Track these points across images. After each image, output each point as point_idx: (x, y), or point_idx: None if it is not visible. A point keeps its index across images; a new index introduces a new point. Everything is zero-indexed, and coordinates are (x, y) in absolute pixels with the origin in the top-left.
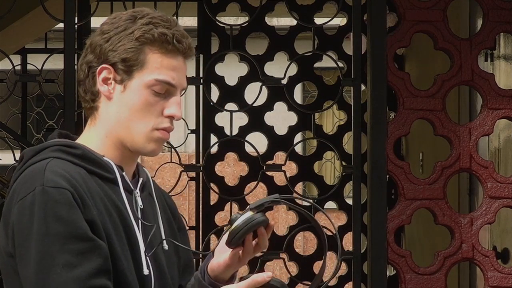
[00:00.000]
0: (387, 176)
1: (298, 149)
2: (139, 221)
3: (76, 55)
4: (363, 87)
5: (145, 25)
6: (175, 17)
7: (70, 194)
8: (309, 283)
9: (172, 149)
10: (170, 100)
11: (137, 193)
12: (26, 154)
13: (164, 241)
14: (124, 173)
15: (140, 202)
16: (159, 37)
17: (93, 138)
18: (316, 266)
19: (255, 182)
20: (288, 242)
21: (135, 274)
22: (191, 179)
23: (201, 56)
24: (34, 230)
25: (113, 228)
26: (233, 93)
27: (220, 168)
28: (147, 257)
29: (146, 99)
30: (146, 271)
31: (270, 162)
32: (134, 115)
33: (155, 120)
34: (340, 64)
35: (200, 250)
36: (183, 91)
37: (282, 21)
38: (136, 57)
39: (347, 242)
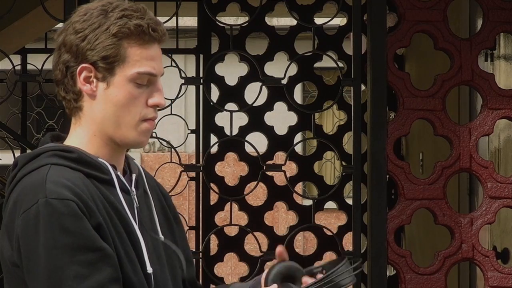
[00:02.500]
0: (387, 176)
1: (298, 149)
2: (136, 220)
3: None
4: (363, 87)
5: (119, 19)
6: (144, 5)
7: (75, 205)
8: None
9: (172, 149)
10: (153, 90)
11: (133, 192)
12: (20, 161)
13: (160, 233)
14: (118, 173)
15: (136, 202)
16: (135, 30)
17: (81, 138)
18: None
19: (255, 182)
20: (288, 242)
21: (141, 274)
22: (191, 179)
23: (201, 56)
24: (41, 244)
25: (115, 230)
26: (233, 93)
27: (220, 168)
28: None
29: (130, 93)
30: (150, 269)
31: (270, 162)
32: (121, 110)
33: (141, 111)
34: (340, 64)
35: (200, 250)
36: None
37: (282, 21)
38: (115, 53)
39: (347, 242)
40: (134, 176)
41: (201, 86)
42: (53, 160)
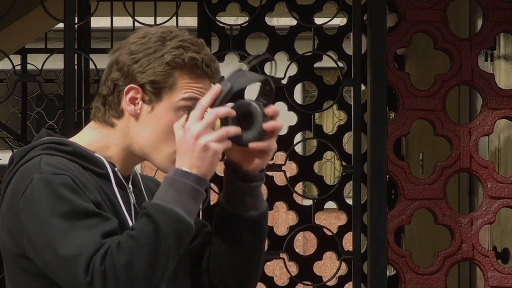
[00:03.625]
0: (387, 176)
1: (298, 149)
2: (132, 216)
3: (76, 55)
4: (363, 87)
5: (176, 48)
6: (202, 40)
7: (70, 179)
8: (309, 283)
9: None
10: None
11: (130, 188)
12: (16, 155)
13: None
14: (116, 169)
15: (132, 198)
16: (189, 62)
17: (94, 138)
18: (316, 266)
19: None
20: (288, 242)
21: None
22: None
23: None
24: (40, 216)
25: None
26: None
27: (220, 168)
28: None
29: (172, 122)
30: None
31: (270, 162)
32: (159, 136)
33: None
34: (340, 64)
35: None
36: None
37: (282, 21)
38: (165, 80)
39: (347, 242)
40: (131, 175)
41: None
42: (48, 152)
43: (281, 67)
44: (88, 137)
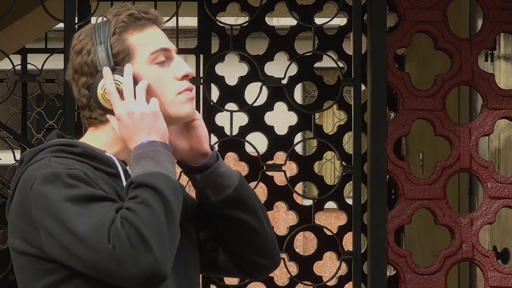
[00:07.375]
0: (387, 176)
1: (298, 149)
2: None
3: None
4: (363, 87)
5: (112, 22)
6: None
7: (82, 172)
8: (309, 283)
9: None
10: (174, 64)
11: None
12: (26, 156)
13: None
14: (127, 167)
15: None
16: (128, 19)
17: (101, 136)
18: (316, 266)
19: (255, 182)
20: (288, 242)
21: None
22: None
23: (201, 56)
24: (53, 203)
25: None
26: (233, 93)
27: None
28: None
29: (154, 76)
30: None
31: (270, 162)
32: (153, 95)
33: (172, 87)
34: (340, 64)
35: None
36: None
37: (282, 21)
38: (122, 48)
39: (347, 242)
40: None
41: (201, 86)
42: (57, 154)
43: (281, 67)
44: (96, 137)
